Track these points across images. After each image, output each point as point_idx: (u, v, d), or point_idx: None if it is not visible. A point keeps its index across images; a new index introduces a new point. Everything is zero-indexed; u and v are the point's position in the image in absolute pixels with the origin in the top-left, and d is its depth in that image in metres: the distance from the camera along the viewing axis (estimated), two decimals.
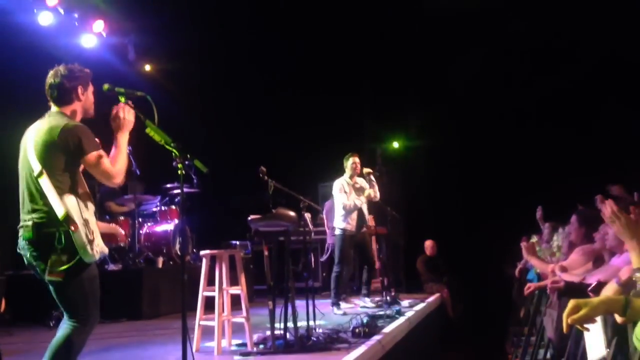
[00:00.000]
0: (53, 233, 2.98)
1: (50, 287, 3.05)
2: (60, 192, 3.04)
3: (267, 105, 11.56)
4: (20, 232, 3.08)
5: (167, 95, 9.71)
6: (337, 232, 7.60)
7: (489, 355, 8.53)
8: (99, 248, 3.09)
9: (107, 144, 3.54)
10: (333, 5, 11.28)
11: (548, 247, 7.10)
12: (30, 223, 3.03)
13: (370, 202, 7.92)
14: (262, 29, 11.27)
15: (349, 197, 7.58)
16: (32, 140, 3.12)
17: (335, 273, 7.54)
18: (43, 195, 3.04)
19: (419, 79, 12.84)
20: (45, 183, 3.04)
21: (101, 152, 3.16)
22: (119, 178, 3.21)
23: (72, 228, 2.98)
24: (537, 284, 5.24)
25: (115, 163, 3.20)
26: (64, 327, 3.08)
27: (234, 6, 10.77)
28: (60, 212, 2.98)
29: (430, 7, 11.34)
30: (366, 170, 7.79)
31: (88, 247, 3.00)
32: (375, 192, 7.75)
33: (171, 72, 10.44)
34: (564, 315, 2.01)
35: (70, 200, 3.06)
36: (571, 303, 2.00)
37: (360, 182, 7.79)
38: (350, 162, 7.72)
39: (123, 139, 3.27)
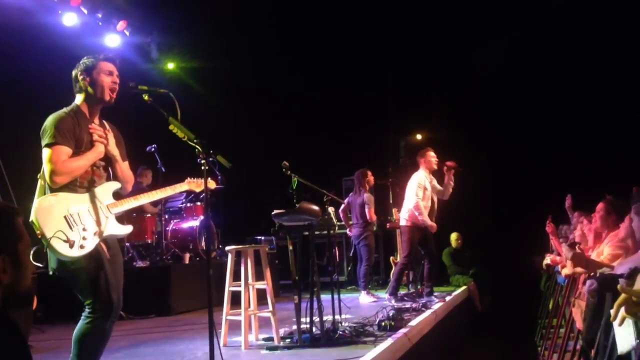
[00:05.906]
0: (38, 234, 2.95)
1: None
2: (40, 191, 3.02)
3: (289, 100, 11.55)
4: None
5: (190, 93, 9.78)
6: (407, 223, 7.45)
7: (518, 347, 8.43)
8: (87, 242, 2.97)
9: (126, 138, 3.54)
10: None
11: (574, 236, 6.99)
12: None
13: (394, 194, 7.83)
14: (283, 22, 11.27)
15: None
16: None
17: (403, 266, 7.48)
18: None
19: (443, 70, 12.71)
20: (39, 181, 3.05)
21: (56, 147, 2.97)
22: (58, 176, 2.96)
23: (38, 233, 2.90)
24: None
25: (74, 161, 3.02)
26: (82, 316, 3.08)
27: (255, 1, 10.79)
28: (31, 217, 2.91)
29: None
30: (449, 164, 7.67)
31: (59, 249, 2.90)
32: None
33: (194, 69, 10.50)
34: (616, 304, 1.93)
35: (44, 202, 2.95)
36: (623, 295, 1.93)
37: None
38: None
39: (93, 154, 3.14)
